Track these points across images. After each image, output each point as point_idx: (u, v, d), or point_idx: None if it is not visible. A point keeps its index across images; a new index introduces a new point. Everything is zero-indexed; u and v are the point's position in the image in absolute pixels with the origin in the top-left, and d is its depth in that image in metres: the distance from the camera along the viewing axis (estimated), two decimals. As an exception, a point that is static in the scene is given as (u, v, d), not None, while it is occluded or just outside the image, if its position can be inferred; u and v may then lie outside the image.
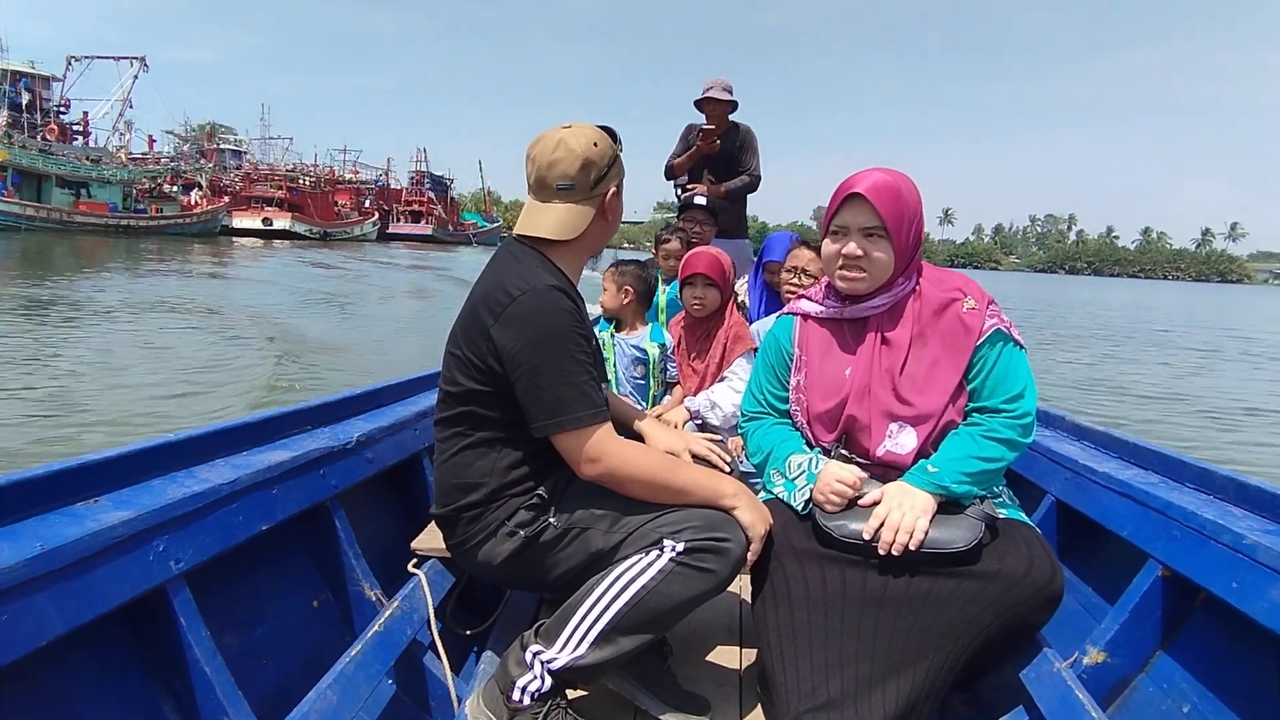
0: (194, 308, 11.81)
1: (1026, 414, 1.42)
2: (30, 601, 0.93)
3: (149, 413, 5.74)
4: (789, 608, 1.36)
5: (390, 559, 1.81)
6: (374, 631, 1.43)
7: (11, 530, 1.00)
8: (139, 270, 18.81)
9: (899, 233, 1.45)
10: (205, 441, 1.38)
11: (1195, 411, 8.58)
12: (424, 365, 2.27)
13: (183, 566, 1.17)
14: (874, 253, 1.45)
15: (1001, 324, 1.45)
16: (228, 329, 10.01)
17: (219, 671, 1.17)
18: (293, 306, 13.40)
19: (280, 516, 1.41)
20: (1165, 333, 20.09)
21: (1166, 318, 27.58)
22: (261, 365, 7.61)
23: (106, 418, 5.49)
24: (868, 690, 1.27)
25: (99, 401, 5.92)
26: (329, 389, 6.69)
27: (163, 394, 6.31)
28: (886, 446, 1.46)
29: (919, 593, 1.31)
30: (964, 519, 1.36)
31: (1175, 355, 14.64)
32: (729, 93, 4.05)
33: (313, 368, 7.80)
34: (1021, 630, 1.39)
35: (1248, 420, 8.31)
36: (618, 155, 1.48)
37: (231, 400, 6.24)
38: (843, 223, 1.49)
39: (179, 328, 9.77)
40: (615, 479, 1.37)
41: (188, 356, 7.90)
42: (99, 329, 9.27)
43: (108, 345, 8.21)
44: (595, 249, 1.56)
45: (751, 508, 1.40)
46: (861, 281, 1.48)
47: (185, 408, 5.93)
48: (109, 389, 6.31)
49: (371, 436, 1.76)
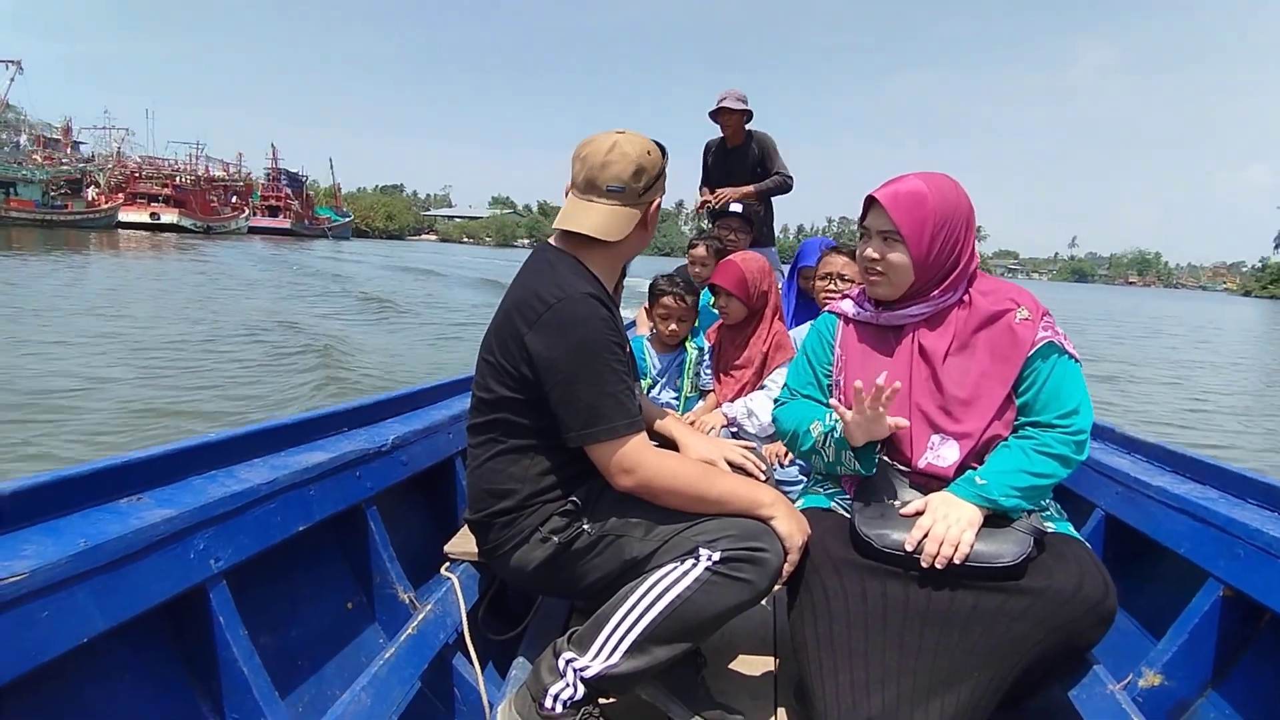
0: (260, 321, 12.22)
1: (1081, 431, 1.37)
2: (73, 598, 0.94)
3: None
4: (828, 620, 1.32)
5: (423, 562, 1.81)
6: (407, 634, 1.43)
7: (55, 526, 1.02)
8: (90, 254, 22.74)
9: (916, 240, 1.40)
10: (245, 442, 1.39)
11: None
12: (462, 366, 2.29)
13: (222, 565, 1.18)
14: (890, 257, 1.43)
15: (1055, 336, 1.40)
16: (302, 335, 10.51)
17: (256, 671, 1.17)
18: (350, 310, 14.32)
19: (317, 517, 1.42)
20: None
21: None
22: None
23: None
24: (910, 707, 1.22)
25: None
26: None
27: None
28: (928, 458, 1.42)
29: (963, 608, 1.26)
30: (1011, 532, 1.31)
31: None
32: (743, 102, 4.05)
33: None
34: (1071, 650, 1.33)
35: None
36: (664, 169, 1.47)
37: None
38: (866, 226, 1.49)
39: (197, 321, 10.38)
40: (650, 490, 1.35)
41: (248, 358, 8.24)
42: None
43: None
44: (630, 257, 1.55)
45: (789, 517, 1.37)
46: (880, 285, 1.47)
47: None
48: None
49: (406, 439, 1.76)
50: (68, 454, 4.84)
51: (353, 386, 7.26)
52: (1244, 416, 9.68)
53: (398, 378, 7.97)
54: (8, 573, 0.87)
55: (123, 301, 12.50)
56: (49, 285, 14.40)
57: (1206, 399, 10.88)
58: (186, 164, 67.99)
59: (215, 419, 5.85)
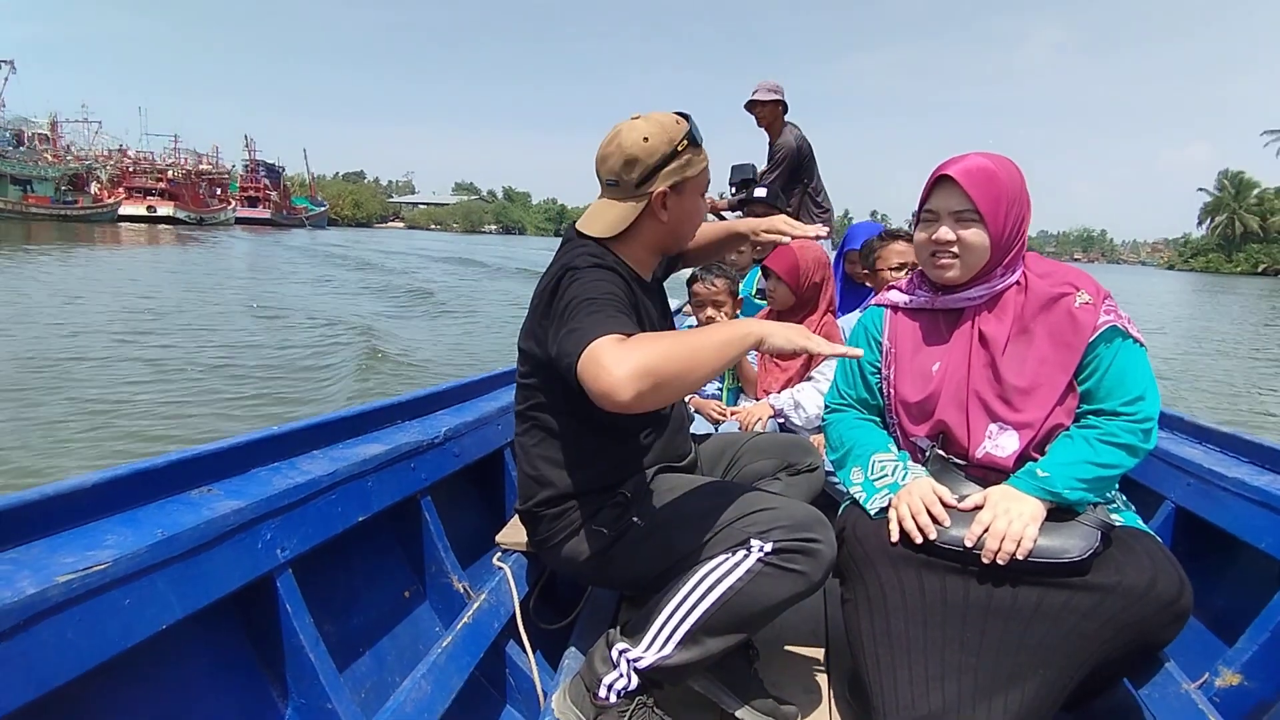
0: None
1: (1149, 418, 1.31)
2: (153, 586, 0.98)
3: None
4: (884, 615, 1.29)
5: (475, 552, 1.85)
6: (463, 623, 1.45)
7: (133, 516, 1.06)
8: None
9: (994, 218, 1.36)
10: (306, 434, 1.43)
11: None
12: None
13: (288, 555, 1.22)
14: (966, 237, 1.37)
15: (1118, 320, 1.34)
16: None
17: (322, 659, 1.21)
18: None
19: (375, 508, 1.45)
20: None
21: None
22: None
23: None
24: (972, 705, 1.20)
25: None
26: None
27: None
28: (986, 448, 1.38)
29: (1027, 604, 1.23)
30: (1077, 526, 1.26)
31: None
32: (774, 92, 4.00)
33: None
34: (1142, 648, 1.28)
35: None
36: (677, 152, 1.39)
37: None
38: (933, 208, 1.42)
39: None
40: (651, 375, 1.08)
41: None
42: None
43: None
44: (662, 248, 1.52)
45: (778, 331, 1.25)
46: (953, 269, 1.40)
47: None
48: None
49: (458, 431, 1.79)
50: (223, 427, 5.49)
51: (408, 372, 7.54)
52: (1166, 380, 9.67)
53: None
54: (93, 562, 0.91)
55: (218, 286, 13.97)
56: (119, 280, 15.54)
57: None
58: (177, 158, 70.15)
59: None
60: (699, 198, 1.49)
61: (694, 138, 1.42)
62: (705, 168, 1.46)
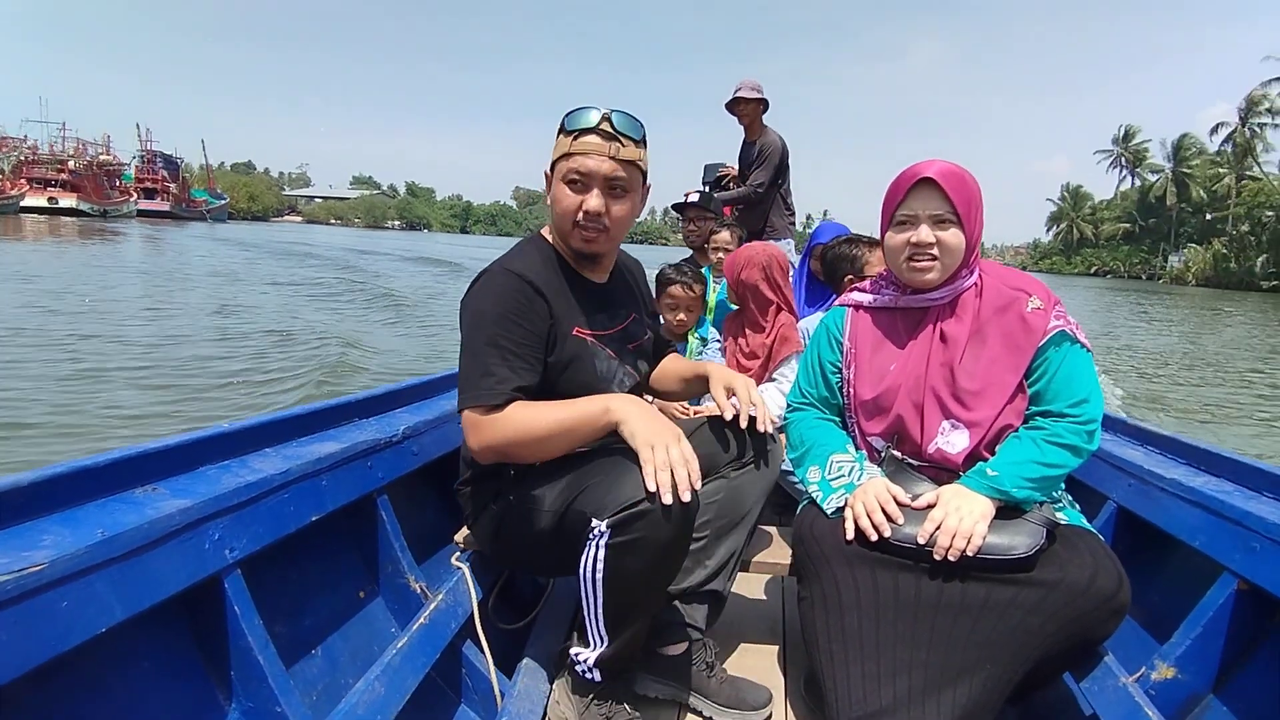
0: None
1: (1092, 420, 1.37)
2: (92, 588, 0.94)
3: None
4: (839, 612, 1.32)
5: (433, 551, 1.82)
6: (419, 624, 1.44)
7: (73, 516, 1.02)
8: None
9: (969, 220, 1.41)
10: (257, 432, 1.40)
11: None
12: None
13: (237, 555, 1.18)
14: (946, 240, 1.41)
15: (1067, 325, 1.39)
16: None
17: (272, 661, 1.18)
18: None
19: (329, 507, 1.42)
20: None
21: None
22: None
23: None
24: (921, 699, 1.23)
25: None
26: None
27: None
28: (938, 444, 1.42)
29: (975, 600, 1.26)
30: (1024, 524, 1.30)
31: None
32: (757, 91, 4.05)
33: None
34: (1083, 642, 1.33)
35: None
36: (559, 135, 1.41)
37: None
38: (910, 211, 1.44)
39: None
40: (499, 450, 1.33)
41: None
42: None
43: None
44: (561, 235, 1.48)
45: (636, 418, 1.28)
46: (932, 270, 1.44)
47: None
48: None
49: (417, 429, 1.77)
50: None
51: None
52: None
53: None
54: (28, 563, 0.87)
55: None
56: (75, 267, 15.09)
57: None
58: (79, 147, 67.36)
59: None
60: (562, 185, 1.41)
61: (564, 123, 1.39)
62: (565, 154, 1.38)
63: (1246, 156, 52.42)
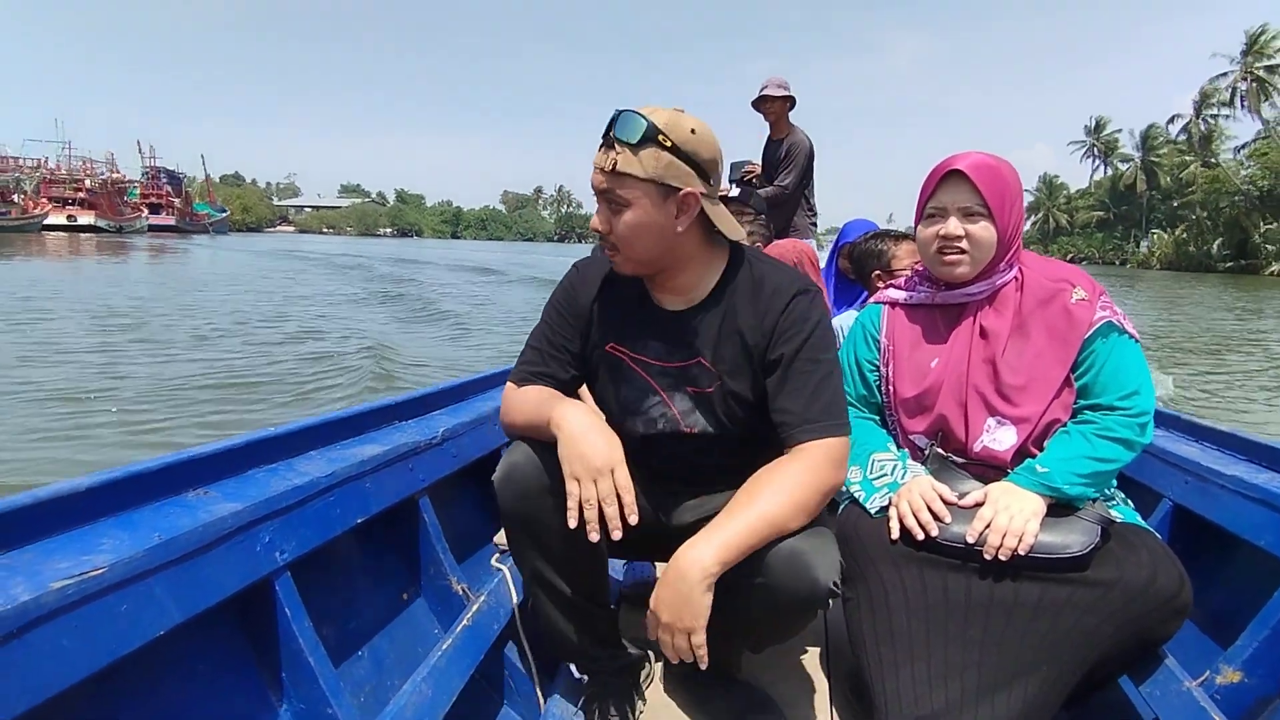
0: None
1: (1144, 412, 1.33)
2: (150, 591, 0.96)
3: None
4: (886, 614, 1.29)
5: (474, 553, 1.84)
6: (462, 625, 1.44)
7: (129, 519, 1.04)
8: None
9: (1001, 213, 1.38)
10: (303, 435, 1.42)
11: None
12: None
13: (286, 557, 1.20)
14: (975, 233, 1.38)
15: (1113, 316, 1.35)
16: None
17: (322, 662, 1.19)
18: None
19: (374, 510, 1.44)
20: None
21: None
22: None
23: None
24: (975, 702, 1.19)
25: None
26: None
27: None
28: (984, 442, 1.38)
29: (1029, 600, 1.23)
30: (1077, 521, 1.26)
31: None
32: (784, 88, 4.00)
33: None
34: (1142, 644, 1.28)
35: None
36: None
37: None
38: (940, 204, 1.42)
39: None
40: (507, 425, 1.39)
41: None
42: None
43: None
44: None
45: (567, 442, 1.19)
46: (963, 264, 1.41)
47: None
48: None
49: (455, 431, 1.78)
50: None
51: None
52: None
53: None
54: (89, 566, 0.89)
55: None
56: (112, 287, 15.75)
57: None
58: (89, 167, 69.78)
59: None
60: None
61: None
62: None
63: (1210, 143, 53.86)
